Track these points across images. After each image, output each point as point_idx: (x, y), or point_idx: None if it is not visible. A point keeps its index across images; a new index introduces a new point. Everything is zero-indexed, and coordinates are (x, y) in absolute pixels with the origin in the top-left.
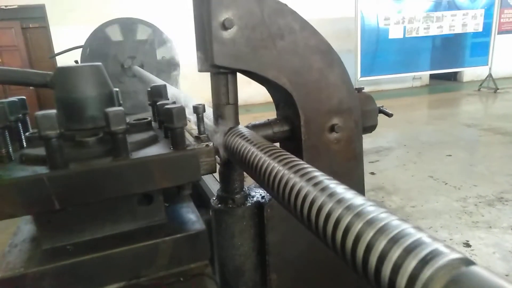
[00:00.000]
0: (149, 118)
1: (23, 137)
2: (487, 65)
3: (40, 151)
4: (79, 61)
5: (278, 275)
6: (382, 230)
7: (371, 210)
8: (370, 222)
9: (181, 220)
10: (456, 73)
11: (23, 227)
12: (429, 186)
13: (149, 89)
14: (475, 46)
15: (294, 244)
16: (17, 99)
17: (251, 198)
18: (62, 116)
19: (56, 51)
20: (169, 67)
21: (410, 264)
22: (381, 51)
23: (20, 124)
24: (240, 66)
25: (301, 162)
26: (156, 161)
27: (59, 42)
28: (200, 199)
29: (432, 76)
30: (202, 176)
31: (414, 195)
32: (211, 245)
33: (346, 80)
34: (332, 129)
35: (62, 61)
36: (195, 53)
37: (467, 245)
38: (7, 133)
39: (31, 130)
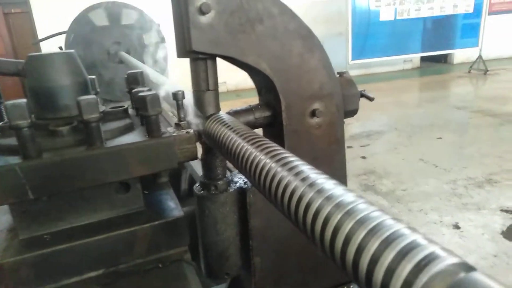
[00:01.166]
0: (126, 106)
1: None
2: (478, 46)
3: (13, 140)
4: (63, 48)
5: (261, 258)
6: (374, 231)
7: (362, 208)
8: (361, 222)
9: (160, 207)
10: (446, 55)
11: (0, 217)
12: (419, 169)
13: (126, 75)
14: (465, 27)
15: (277, 228)
16: None
17: (234, 184)
18: (34, 105)
19: (40, 37)
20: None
21: (405, 269)
22: (372, 33)
23: None
24: (219, 51)
25: (282, 149)
26: (131, 149)
27: (43, 28)
28: (191, 187)
29: (423, 59)
30: (194, 164)
31: (405, 178)
32: (195, 231)
33: (326, 64)
34: (313, 114)
35: (47, 47)
36: None
37: (457, 227)
38: None
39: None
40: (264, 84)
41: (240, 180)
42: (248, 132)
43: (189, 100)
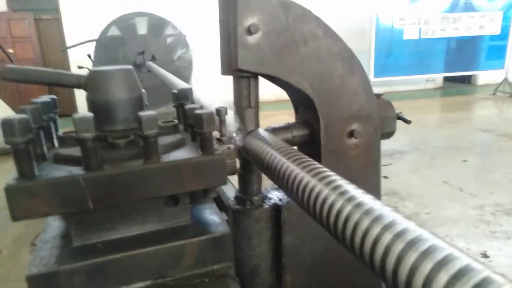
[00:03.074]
0: (176, 121)
1: (54, 136)
2: (503, 68)
3: (73, 151)
4: (91, 55)
5: (293, 276)
6: (412, 243)
7: (413, 229)
8: (412, 243)
9: (206, 221)
10: (470, 76)
11: (52, 223)
12: (443, 192)
13: (175, 91)
14: (491, 49)
15: (310, 246)
16: (50, 98)
17: (269, 200)
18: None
19: (68, 44)
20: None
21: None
22: (395, 51)
23: (51, 123)
24: (264, 70)
25: (321, 166)
26: (186, 165)
27: (71, 35)
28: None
29: (445, 78)
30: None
31: (428, 201)
32: None
33: (366, 86)
34: (351, 134)
35: (75, 54)
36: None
37: (485, 255)
38: (41, 132)
39: (60, 129)
40: (303, 103)
41: (274, 196)
42: (288, 149)
43: (229, 116)
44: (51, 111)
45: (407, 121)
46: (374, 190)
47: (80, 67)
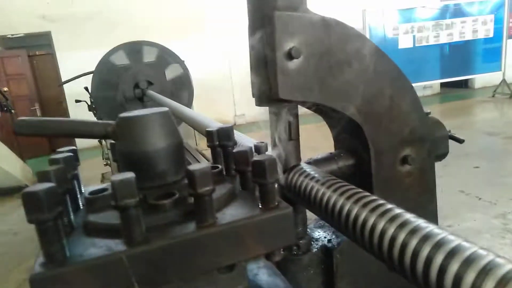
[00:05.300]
0: (219, 166)
1: (78, 196)
2: (500, 70)
3: (107, 217)
4: (88, 88)
5: None
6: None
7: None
8: (486, 271)
9: (266, 286)
10: (467, 80)
11: None
12: (462, 202)
13: (211, 130)
14: (486, 52)
15: None
16: (70, 151)
17: (316, 242)
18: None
19: (63, 78)
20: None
21: None
22: None
23: (74, 181)
24: (306, 98)
25: (378, 198)
26: (248, 225)
27: (66, 69)
28: None
29: (442, 84)
30: None
31: (447, 213)
32: None
33: (417, 106)
34: (404, 161)
35: (70, 87)
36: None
37: None
38: (68, 197)
39: (83, 186)
40: (347, 129)
41: (321, 236)
42: (340, 183)
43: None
44: (75, 168)
45: (460, 141)
46: (431, 219)
47: (77, 101)
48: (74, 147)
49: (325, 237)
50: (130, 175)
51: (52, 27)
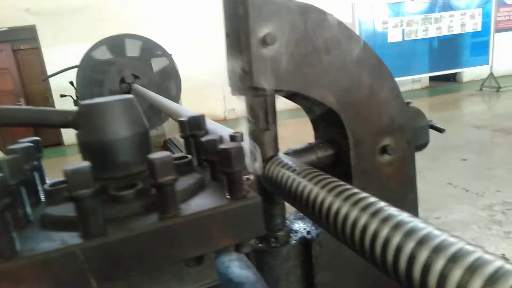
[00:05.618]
0: (189, 156)
1: (40, 189)
2: (488, 64)
3: (66, 210)
4: (74, 82)
5: None
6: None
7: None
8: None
9: (238, 279)
10: (455, 73)
11: None
12: (450, 194)
13: (183, 120)
14: (474, 45)
15: (345, 284)
16: (31, 142)
17: (295, 234)
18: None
19: (48, 72)
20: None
21: None
22: (380, 55)
23: (36, 172)
24: (283, 86)
25: (359, 191)
26: (214, 216)
27: (52, 63)
28: None
29: (431, 78)
30: None
31: (436, 205)
32: None
33: (397, 95)
34: (384, 150)
35: (56, 82)
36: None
37: (504, 258)
38: (23, 189)
39: (47, 178)
40: (326, 119)
41: (301, 228)
42: (319, 174)
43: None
44: (35, 158)
45: (441, 130)
46: (412, 210)
47: (62, 96)
48: (37, 138)
49: (304, 229)
50: (85, 164)
51: (37, 21)
